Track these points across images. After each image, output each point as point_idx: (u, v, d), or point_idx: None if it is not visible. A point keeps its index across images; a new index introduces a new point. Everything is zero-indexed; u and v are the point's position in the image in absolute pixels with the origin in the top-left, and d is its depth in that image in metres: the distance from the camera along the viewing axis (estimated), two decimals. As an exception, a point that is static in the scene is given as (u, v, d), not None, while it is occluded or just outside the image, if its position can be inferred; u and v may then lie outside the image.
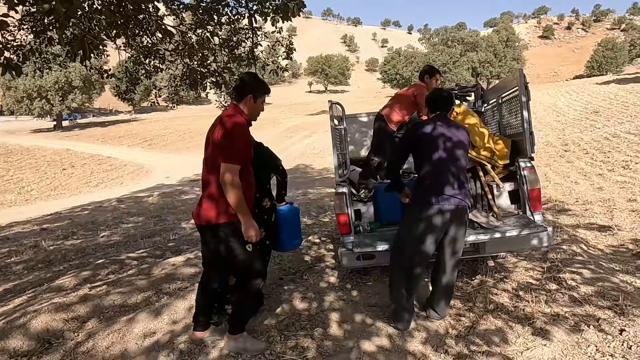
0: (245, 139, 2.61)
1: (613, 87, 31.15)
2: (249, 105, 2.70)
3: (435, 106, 3.17)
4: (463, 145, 3.03)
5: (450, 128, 3.04)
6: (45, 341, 2.89)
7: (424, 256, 2.97)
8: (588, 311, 3.09)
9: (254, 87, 2.71)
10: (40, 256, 6.33)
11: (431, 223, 2.88)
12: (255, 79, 2.80)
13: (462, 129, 3.12)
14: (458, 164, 2.97)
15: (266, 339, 2.93)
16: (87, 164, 24.85)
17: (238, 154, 2.54)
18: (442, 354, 2.66)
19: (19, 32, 4.06)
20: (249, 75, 2.88)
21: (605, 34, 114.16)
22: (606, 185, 9.38)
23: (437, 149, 2.95)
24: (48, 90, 42.67)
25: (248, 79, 2.78)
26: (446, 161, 2.94)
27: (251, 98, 2.69)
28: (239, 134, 2.56)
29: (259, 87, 2.74)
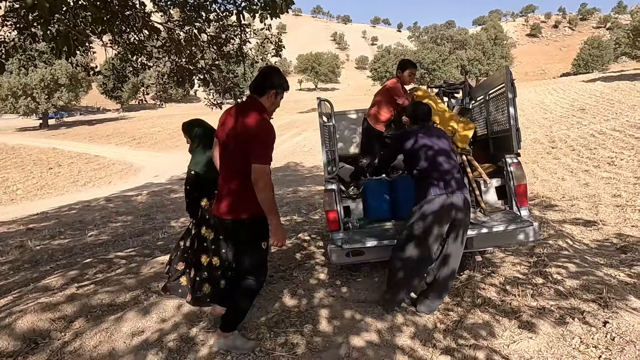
0: (273, 137, 2.54)
1: (599, 85, 31.62)
2: (271, 100, 2.64)
3: (416, 119, 3.32)
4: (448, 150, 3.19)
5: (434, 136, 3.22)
6: (32, 341, 2.85)
7: (430, 250, 3.05)
8: (573, 304, 3.15)
9: (279, 83, 2.65)
10: (26, 256, 6.23)
11: (439, 217, 2.97)
12: (280, 74, 2.70)
13: (444, 137, 3.27)
14: (453, 164, 3.12)
15: (256, 335, 2.93)
16: (74, 162, 24.51)
17: (269, 154, 2.49)
18: (430, 348, 2.69)
19: (2, 29, 3.98)
20: (274, 69, 2.74)
21: (592, 32, 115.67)
22: (592, 181, 9.53)
23: (433, 149, 3.09)
24: (34, 88, 41.92)
25: (273, 73, 2.67)
26: (445, 159, 3.08)
27: (274, 93, 2.63)
28: (272, 135, 2.51)
29: (283, 83, 2.68)
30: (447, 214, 2.97)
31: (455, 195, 2.98)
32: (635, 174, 9.38)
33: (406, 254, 3.05)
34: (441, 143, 3.17)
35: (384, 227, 3.83)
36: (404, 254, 3.07)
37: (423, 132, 3.19)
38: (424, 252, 3.04)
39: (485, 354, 2.57)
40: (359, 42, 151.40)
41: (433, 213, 2.95)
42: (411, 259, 3.04)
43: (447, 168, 3.06)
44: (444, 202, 2.95)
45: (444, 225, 3.01)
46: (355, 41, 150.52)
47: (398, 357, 2.59)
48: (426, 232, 2.98)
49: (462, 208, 3.00)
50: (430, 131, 3.25)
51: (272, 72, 2.67)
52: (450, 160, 3.11)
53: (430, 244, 3.03)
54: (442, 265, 3.10)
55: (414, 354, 2.63)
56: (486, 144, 4.47)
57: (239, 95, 5.37)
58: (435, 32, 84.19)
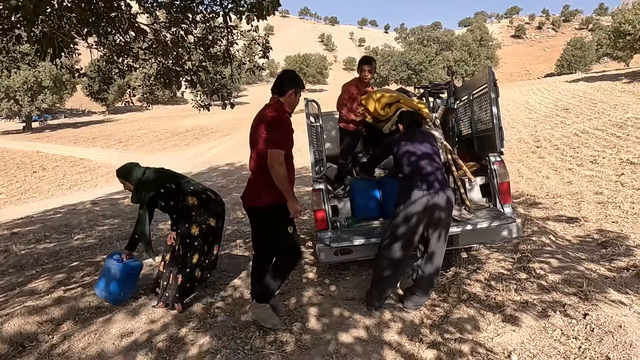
0: (288, 128, 2.90)
1: (582, 85, 32.21)
2: (290, 98, 3.01)
3: (410, 125, 3.56)
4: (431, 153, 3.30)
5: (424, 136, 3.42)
6: (19, 344, 2.84)
7: (413, 248, 3.18)
8: (555, 298, 3.24)
9: (296, 83, 3.02)
10: (11, 261, 6.15)
11: (421, 217, 3.05)
12: (297, 76, 3.12)
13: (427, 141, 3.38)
14: (437, 165, 3.24)
15: (245, 334, 2.95)
16: (59, 166, 24.14)
17: (282, 140, 2.84)
18: (417, 343, 2.74)
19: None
20: (290, 72, 3.15)
21: (574, 33, 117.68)
22: (575, 179, 9.73)
23: (415, 154, 3.23)
24: (16, 91, 41.13)
25: (290, 75, 3.07)
26: (428, 162, 3.20)
27: (293, 92, 3.00)
28: (285, 125, 2.88)
29: (300, 82, 3.07)
30: (430, 213, 3.05)
31: (439, 195, 3.06)
32: (617, 172, 9.60)
33: (391, 253, 3.12)
34: (424, 147, 3.28)
35: (372, 226, 3.88)
36: (389, 253, 3.13)
37: (406, 138, 3.35)
38: (408, 251, 3.13)
39: (470, 347, 2.63)
40: (346, 44, 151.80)
41: (416, 213, 3.03)
42: (395, 257, 3.10)
43: (430, 170, 3.16)
44: (427, 203, 3.03)
45: (426, 224, 3.09)
46: (343, 42, 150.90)
47: (386, 352, 2.64)
48: (409, 232, 3.06)
49: (444, 207, 3.08)
50: (414, 136, 3.37)
51: (289, 74, 3.08)
52: (433, 163, 3.22)
53: (414, 242, 3.13)
54: (427, 263, 3.16)
55: (401, 348, 2.68)
56: (470, 143, 4.55)
57: (226, 97, 5.37)
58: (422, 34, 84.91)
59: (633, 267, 4.00)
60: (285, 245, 3.00)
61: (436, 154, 3.32)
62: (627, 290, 3.44)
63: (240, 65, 6.49)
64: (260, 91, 77.60)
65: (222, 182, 14.28)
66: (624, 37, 36.61)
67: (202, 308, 3.42)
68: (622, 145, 12.56)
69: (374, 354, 2.62)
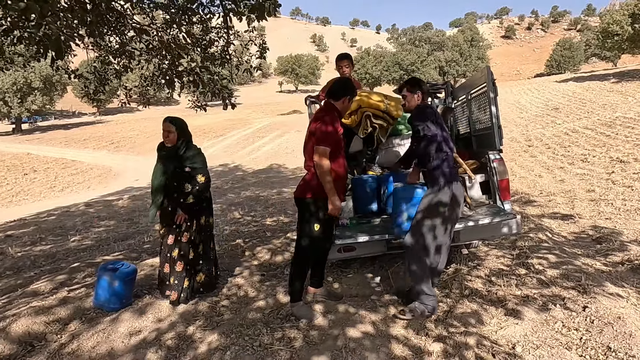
0: (333, 126, 3.06)
1: (571, 85, 32.64)
2: (345, 104, 3.24)
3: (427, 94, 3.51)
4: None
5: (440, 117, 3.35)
6: (28, 344, 2.85)
7: (446, 238, 3.18)
8: (554, 292, 3.32)
9: (351, 91, 3.25)
10: (8, 263, 6.10)
11: (452, 203, 3.10)
12: (351, 84, 3.31)
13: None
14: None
15: (253, 331, 2.99)
16: (50, 168, 23.88)
17: (328, 138, 3.01)
18: (424, 337, 2.80)
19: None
20: (346, 80, 3.39)
21: (563, 34, 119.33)
22: (567, 177, 9.88)
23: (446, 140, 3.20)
24: (5, 92, 40.61)
25: (346, 84, 3.28)
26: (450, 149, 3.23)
27: (347, 99, 3.23)
28: (328, 121, 3.05)
29: (354, 90, 3.31)
30: (456, 200, 3.10)
31: (458, 185, 3.14)
32: (607, 170, 9.78)
33: (429, 241, 3.10)
34: (446, 132, 3.24)
35: (373, 224, 3.93)
36: (426, 242, 3.09)
37: (435, 119, 3.18)
38: (445, 237, 3.16)
39: (476, 340, 2.69)
40: (338, 44, 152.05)
41: (448, 200, 3.04)
42: (433, 245, 3.11)
43: (452, 156, 3.20)
44: (455, 190, 3.08)
45: (455, 210, 3.13)
46: (335, 43, 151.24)
47: (394, 346, 2.69)
48: (444, 219, 3.08)
49: (459, 199, 3.13)
50: (438, 116, 3.25)
51: (346, 83, 3.29)
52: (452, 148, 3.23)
53: (449, 229, 3.17)
54: (437, 254, 3.18)
55: (408, 342, 2.74)
56: (469, 142, 4.63)
57: (228, 97, 5.39)
58: (414, 34, 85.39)
59: (628, 262, 4.10)
60: (302, 241, 3.16)
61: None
62: (623, 284, 3.54)
63: (238, 66, 6.51)
64: (252, 92, 77.59)
65: (216, 183, 14.24)
66: (612, 38, 37.21)
67: (208, 307, 3.45)
68: (611, 144, 12.78)
69: (382, 347, 2.67)
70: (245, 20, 4.61)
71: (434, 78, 56.71)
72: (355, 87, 3.37)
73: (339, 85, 3.26)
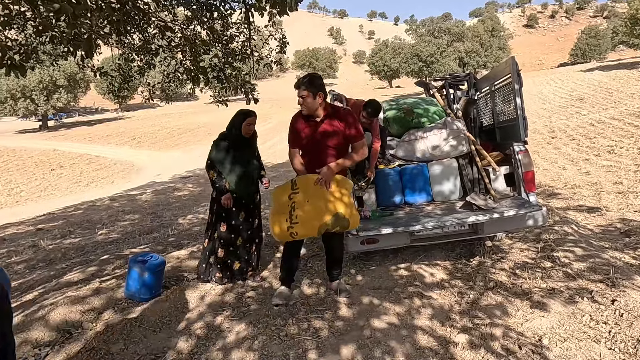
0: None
1: (597, 74, 31.69)
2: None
3: None
4: None
5: None
6: (66, 331, 2.98)
7: None
8: (581, 285, 3.28)
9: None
10: (40, 255, 6.34)
11: None
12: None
13: None
14: None
15: (279, 322, 3.05)
16: (75, 163, 24.56)
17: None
18: (449, 328, 2.82)
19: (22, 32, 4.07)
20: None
21: (588, 21, 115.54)
22: (593, 169, 9.66)
23: None
24: (32, 90, 41.80)
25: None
26: None
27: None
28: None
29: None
30: None
31: None
32: (636, 162, 9.51)
33: None
34: None
35: (397, 216, 3.94)
36: None
37: None
38: None
39: (502, 331, 2.70)
40: (356, 37, 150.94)
41: None
42: None
43: None
44: None
45: None
46: (352, 36, 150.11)
47: (419, 337, 2.72)
48: None
49: None
50: None
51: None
52: None
53: None
54: None
55: (434, 333, 2.76)
56: (492, 134, 4.57)
57: (250, 92, 5.46)
58: (432, 25, 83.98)
59: (658, 255, 4.01)
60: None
61: None
62: (654, 278, 3.46)
63: (258, 61, 6.56)
64: (270, 86, 77.71)
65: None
66: (640, 24, 35.83)
67: (234, 297, 3.53)
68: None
69: (408, 338, 2.70)
70: (267, 16, 4.63)
71: (453, 69, 55.72)
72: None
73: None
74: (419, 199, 4.23)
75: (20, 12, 4.22)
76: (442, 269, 3.93)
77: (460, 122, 4.33)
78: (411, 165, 4.33)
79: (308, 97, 3.14)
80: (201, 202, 10.31)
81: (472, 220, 3.41)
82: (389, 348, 2.62)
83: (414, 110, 4.65)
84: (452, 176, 4.19)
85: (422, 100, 4.94)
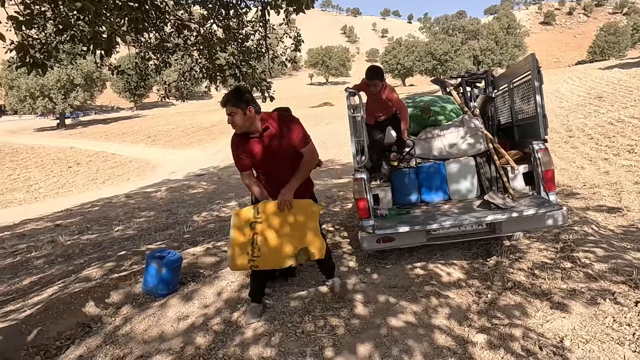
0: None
1: (616, 72, 31.00)
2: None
3: None
4: None
5: None
6: (86, 325, 3.03)
7: None
8: (603, 286, 3.21)
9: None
10: (59, 251, 6.46)
11: None
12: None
13: None
14: None
15: (295, 319, 3.06)
16: (92, 161, 24.98)
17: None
18: (467, 327, 2.79)
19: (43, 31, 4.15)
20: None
21: (607, 18, 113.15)
22: (612, 169, 9.45)
23: None
24: (50, 89, 42.64)
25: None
26: None
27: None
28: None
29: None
30: None
31: None
32: (657, 161, 9.29)
33: None
34: None
35: (413, 214, 3.91)
36: None
37: None
38: None
39: (521, 332, 2.66)
40: (369, 35, 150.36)
41: None
42: None
43: None
44: None
45: None
46: (366, 34, 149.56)
47: (436, 336, 2.69)
48: None
49: None
50: None
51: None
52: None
53: None
54: None
55: (451, 332, 2.73)
56: (510, 132, 4.51)
57: (266, 89, 5.48)
58: (447, 23, 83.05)
59: (682, 257, 3.91)
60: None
61: None
62: (679, 280, 3.37)
63: (273, 59, 6.58)
64: (283, 85, 77.89)
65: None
66: (662, 21, 34.93)
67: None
68: (662, 134, 12.10)
69: (425, 337, 2.68)
70: (283, 13, 4.64)
71: (467, 67, 55.06)
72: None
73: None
74: (436, 198, 4.19)
75: (41, 12, 4.31)
76: (458, 268, 3.88)
77: (478, 120, 4.29)
78: (428, 163, 4.29)
79: (237, 115, 2.77)
80: (215, 200, 10.39)
81: (490, 219, 3.37)
82: (406, 347, 2.61)
83: (430, 108, 4.62)
84: (470, 174, 4.15)
85: (439, 98, 4.90)
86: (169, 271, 3.58)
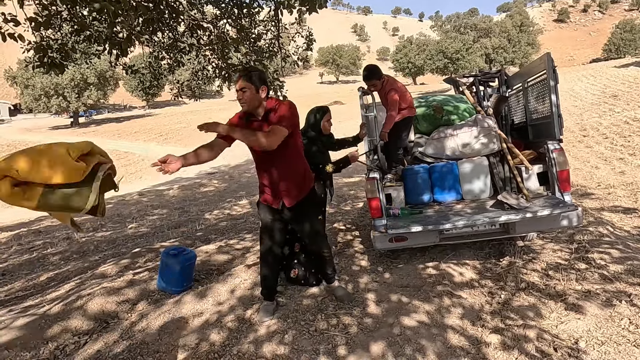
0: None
1: (632, 70, 30.48)
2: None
3: None
4: None
5: None
6: (103, 321, 3.09)
7: None
8: (619, 287, 3.17)
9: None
10: (74, 247, 6.57)
11: None
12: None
13: None
14: None
15: (307, 317, 3.08)
16: (105, 159, 25.29)
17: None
18: (480, 328, 2.78)
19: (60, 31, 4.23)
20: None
21: (623, 15, 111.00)
22: (628, 169, 9.31)
23: None
24: (64, 88, 43.35)
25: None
26: None
27: None
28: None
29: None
30: None
31: None
32: (675, 161, 9.12)
33: None
34: None
35: (426, 214, 3.90)
36: None
37: None
38: None
39: (535, 333, 2.64)
40: (380, 33, 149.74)
41: None
42: None
43: None
44: None
45: None
46: (376, 32, 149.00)
47: (450, 336, 2.69)
48: None
49: None
50: None
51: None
52: None
53: None
54: None
55: (465, 332, 2.73)
56: (524, 132, 4.47)
57: (279, 88, 5.51)
58: (459, 21, 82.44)
59: (701, 259, 3.84)
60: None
61: None
62: (697, 282, 3.32)
63: (285, 59, 6.61)
64: (294, 83, 77.95)
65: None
66: (680, 18, 34.22)
67: (263, 292, 3.58)
68: (679, 133, 11.87)
69: (439, 337, 2.68)
70: (296, 13, 4.66)
71: (479, 66, 54.52)
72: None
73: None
74: (448, 197, 4.18)
75: (58, 12, 4.40)
76: (471, 268, 3.87)
77: (491, 120, 4.26)
78: (440, 163, 4.28)
79: (249, 91, 2.66)
80: (226, 198, 10.47)
81: (504, 219, 3.35)
82: (419, 346, 2.61)
83: (443, 107, 4.60)
84: (483, 174, 4.12)
85: (452, 97, 4.87)
86: (184, 268, 3.62)
